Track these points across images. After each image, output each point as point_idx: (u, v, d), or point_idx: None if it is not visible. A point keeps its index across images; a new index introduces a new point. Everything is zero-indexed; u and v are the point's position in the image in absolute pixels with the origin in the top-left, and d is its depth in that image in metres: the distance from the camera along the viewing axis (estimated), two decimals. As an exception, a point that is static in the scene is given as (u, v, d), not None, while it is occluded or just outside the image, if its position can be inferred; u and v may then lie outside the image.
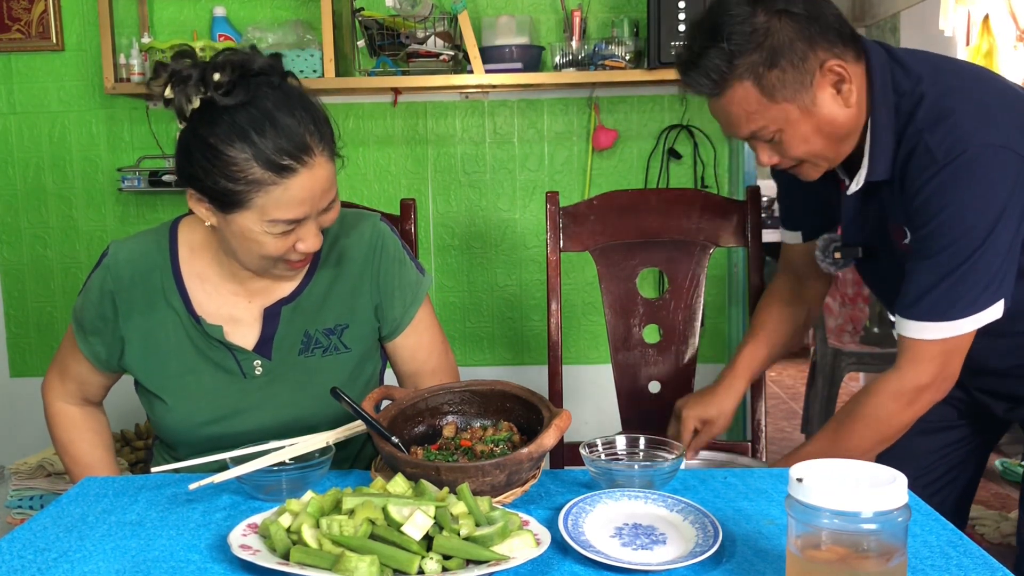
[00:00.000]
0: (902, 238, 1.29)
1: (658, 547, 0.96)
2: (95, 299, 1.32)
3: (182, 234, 1.34)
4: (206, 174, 1.17)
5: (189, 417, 1.31)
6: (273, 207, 1.17)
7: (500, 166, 2.91)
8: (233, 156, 1.15)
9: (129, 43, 2.73)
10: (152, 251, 1.33)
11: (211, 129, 1.16)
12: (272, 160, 1.15)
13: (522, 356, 2.98)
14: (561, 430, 1.06)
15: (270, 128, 1.15)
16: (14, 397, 2.99)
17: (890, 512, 0.75)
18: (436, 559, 0.87)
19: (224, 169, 1.15)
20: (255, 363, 1.32)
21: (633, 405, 1.72)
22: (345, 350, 1.35)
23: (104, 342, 1.33)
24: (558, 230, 1.70)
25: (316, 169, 1.18)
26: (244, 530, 0.97)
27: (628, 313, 1.71)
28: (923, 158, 1.20)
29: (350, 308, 1.36)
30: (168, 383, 1.32)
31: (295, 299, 1.33)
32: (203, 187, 1.18)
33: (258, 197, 1.16)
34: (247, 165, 1.15)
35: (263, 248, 1.21)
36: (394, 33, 2.62)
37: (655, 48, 2.47)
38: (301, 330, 1.33)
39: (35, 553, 0.98)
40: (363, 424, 1.15)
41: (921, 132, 1.21)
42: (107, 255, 1.33)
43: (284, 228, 1.19)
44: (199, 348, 1.31)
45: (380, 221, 1.40)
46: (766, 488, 1.15)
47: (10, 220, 2.94)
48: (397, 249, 1.39)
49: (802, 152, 1.27)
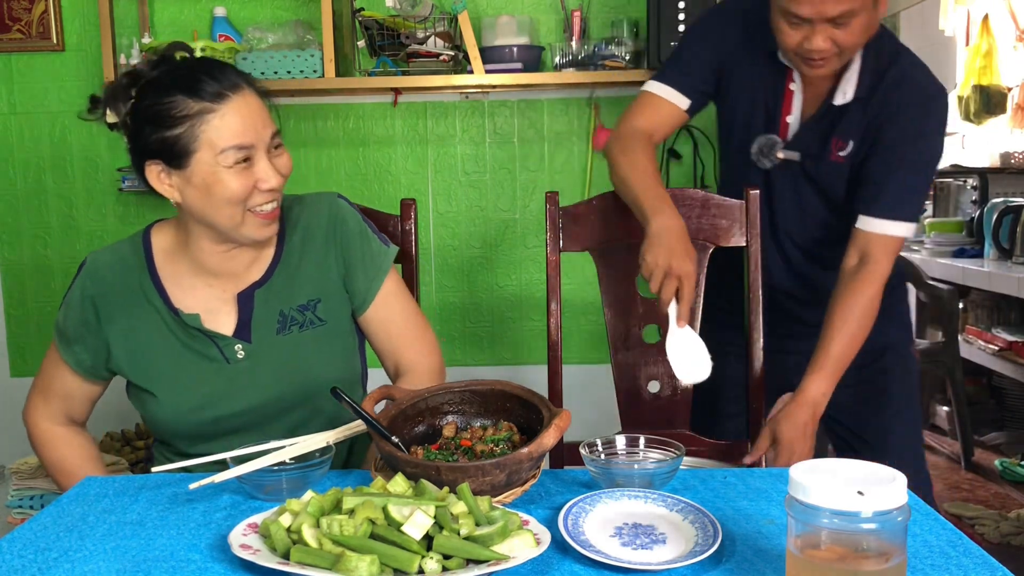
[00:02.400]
0: (839, 150, 1.57)
1: (658, 547, 0.96)
2: (77, 307, 1.37)
3: (155, 239, 1.40)
4: (153, 136, 1.25)
5: (178, 406, 1.34)
6: (217, 135, 1.24)
7: (500, 166, 2.91)
8: (169, 103, 1.24)
9: (129, 43, 2.73)
10: (128, 255, 1.38)
11: (145, 99, 1.26)
12: (203, 91, 1.24)
13: (522, 356, 2.98)
14: (561, 430, 1.06)
15: (195, 74, 1.26)
16: (14, 397, 2.97)
17: (889, 512, 0.75)
18: (436, 559, 0.87)
19: (165, 119, 1.24)
20: (236, 347, 1.35)
21: (633, 405, 1.72)
22: (321, 323, 1.39)
23: (88, 348, 1.37)
24: (558, 230, 1.70)
25: (249, 99, 1.27)
26: (244, 530, 0.97)
27: (628, 313, 1.71)
28: (912, 89, 1.51)
29: (320, 282, 1.40)
30: (155, 377, 1.35)
31: (266, 282, 1.38)
32: (156, 151, 1.26)
33: (202, 131, 1.24)
34: (183, 104, 1.24)
35: (226, 189, 1.26)
36: (394, 33, 2.63)
37: (655, 48, 2.47)
38: (276, 310, 1.37)
39: (35, 553, 0.99)
40: (363, 424, 1.15)
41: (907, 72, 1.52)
42: (85, 265, 1.39)
43: (236, 157, 1.25)
44: (181, 340, 1.35)
45: (338, 197, 1.45)
46: (766, 488, 1.15)
47: (10, 220, 2.94)
48: (358, 222, 1.44)
49: (854, 42, 1.44)
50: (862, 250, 1.52)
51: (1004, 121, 4.34)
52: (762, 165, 1.62)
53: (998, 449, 3.55)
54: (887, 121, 1.52)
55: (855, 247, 1.53)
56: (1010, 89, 4.33)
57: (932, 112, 1.53)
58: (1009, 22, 4.37)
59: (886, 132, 1.52)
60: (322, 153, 2.92)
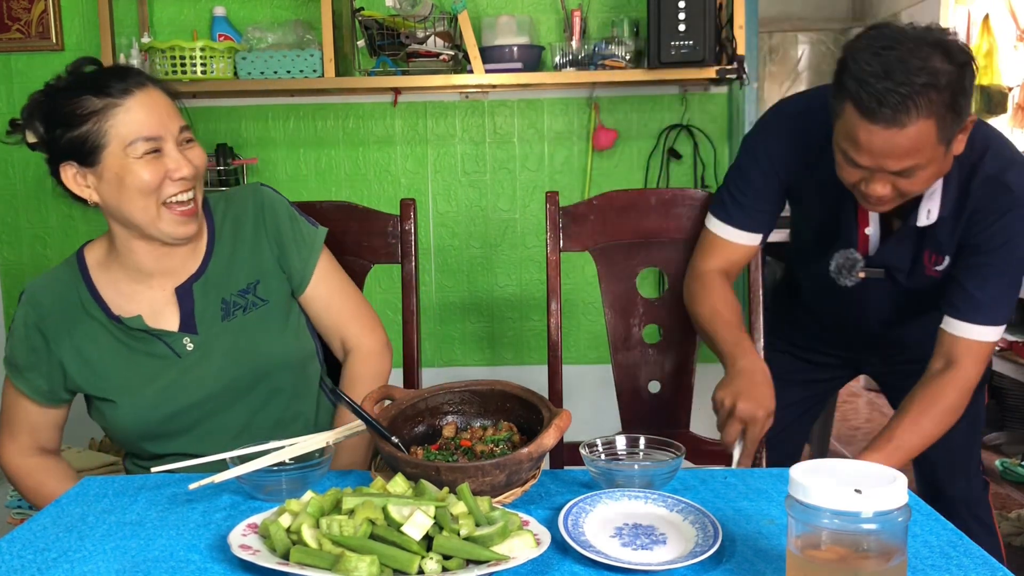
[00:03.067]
0: (935, 265, 1.47)
1: (658, 547, 0.96)
2: (22, 335, 1.39)
3: (88, 255, 1.43)
4: (64, 137, 1.29)
5: (136, 407, 1.36)
6: (125, 128, 1.28)
7: (500, 166, 2.91)
8: (76, 102, 1.28)
9: (129, 43, 2.72)
10: (64, 276, 1.41)
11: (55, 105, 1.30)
12: (109, 88, 1.28)
13: (522, 356, 2.98)
14: (561, 430, 1.06)
15: (101, 75, 1.31)
16: (14, 397, 2.99)
17: (890, 512, 0.75)
18: (436, 559, 0.87)
19: (74, 118, 1.28)
20: (184, 341, 1.37)
21: (633, 405, 1.72)
22: (263, 303, 1.42)
23: (42, 374, 1.39)
24: (558, 230, 1.70)
25: (153, 94, 1.31)
26: (244, 530, 0.97)
27: (628, 313, 1.71)
28: (1001, 194, 1.39)
29: (256, 265, 1.43)
30: (112, 385, 1.37)
31: (203, 274, 1.40)
32: (67, 152, 1.29)
33: (110, 127, 1.27)
34: (89, 102, 1.28)
35: (137, 179, 1.29)
36: (394, 33, 2.62)
37: (655, 48, 2.47)
38: (217, 299, 1.40)
39: (35, 553, 0.98)
40: (363, 424, 1.15)
41: (995, 174, 1.39)
42: (24, 295, 1.41)
43: (145, 148, 1.28)
44: (129, 346, 1.37)
45: (261, 186, 1.49)
46: (766, 488, 1.15)
47: (10, 220, 2.94)
48: (285, 206, 1.47)
49: (919, 190, 1.34)
50: (948, 354, 1.44)
51: (1005, 121, 4.34)
52: (841, 283, 1.53)
53: (998, 449, 3.55)
54: (975, 227, 1.42)
55: (941, 351, 1.45)
56: (1011, 89, 4.34)
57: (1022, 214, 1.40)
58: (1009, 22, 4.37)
59: (974, 238, 1.42)
60: (322, 153, 2.92)
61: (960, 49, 1.24)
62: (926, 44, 1.23)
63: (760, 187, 1.55)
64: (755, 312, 1.65)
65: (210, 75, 2.63)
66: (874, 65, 1.23)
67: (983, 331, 1.43)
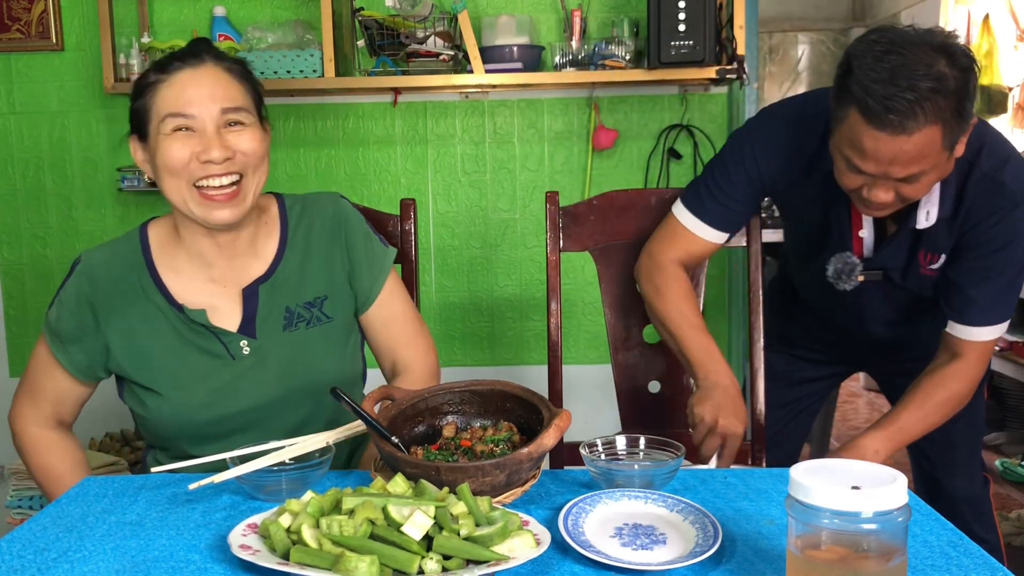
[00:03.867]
0: (930, 263, 1.46)
1: (658, 547, 0.96)
2: (72, 308, 1.34)
3: (151, 234, 1.38)
4: (130, 111, 1.31)
5: (184, 404, 1.32)
6: (162, 103, 1.27)
7: (500, 166, 2.91)
8: (142, 77, 1.30)
9: (129, 43, 2.72)
10: (125, 252, 1.36)
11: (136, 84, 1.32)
12: (168, 62, 1.29)
13: (522, 356, 2.98)
14: (561, 430, 1.06)
15: (174, 51, 1.31)
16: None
17: (890, 512, 0.74)
18: (436, 559, 0.87)
19: (135, 92, 1.30)
20: (241, 343, 1.34)
21: (633, 405, 1.72)
22: (328, 320, 1.39)
23: (85, 349, 1.35)
24: (558, 230, 1.70)
25: (206, 71, 1.29)
26: (244, 530, 0.97)
27: (628, 313, 1.71)
28: (998, 193, 1.38)
29: (326, 280, 1.40)
30: (158, 375, 1.33)
31: (270, 277, 1.37)
32: (131, 124, 1.32)
33: (153, 102, 1.27)
34: (148, 76, 1.29)
35: (163, 156, 1.27)
36: (394, 33, 2.62)
37: (655, 48, 2.47)
38: (282, 306, 1.37)
39: (35, 553, 0.98)
40: (363, 424, 1.15)
41: (991, 174, 1.38)
42: (79, 263, 1.36)
43: (174, 124, 1.26)
44: (185, 337, 1.33)
45: (341, 198, 1.46)
46: (766, 488, 1.15)
47: (10, 220, 2.94)
48: (361, 222, 1.45)
49: (921, 195, 1.34)
50: (952, 351, 1.46)
51: (1005, 121, 4.34)
52: (840, 287, 1.52)
53: (998, 449, 3.55)
54: (973, 229, 1.41)
55: (947, 348, 1.47)
56: (1011, 89, 4.34)
57: (1020, 214, 1.39)
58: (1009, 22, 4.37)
59: (972, 239, 1.42)
60: (322, 153, 2.92)
61: (963, 53, 1.23)
62: (930, 48, 1.21)
63: (741, 189, 1.52)
64: (755, 312, 1.65)
65: (210, 75, 2.62)
66: (879, 70, 1.21)
67: (986, 331, 1.44)
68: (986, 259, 1.41)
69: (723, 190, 1.53)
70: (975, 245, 1.42)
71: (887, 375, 1.84)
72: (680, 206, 1.56)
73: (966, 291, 1.43)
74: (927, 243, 1.45)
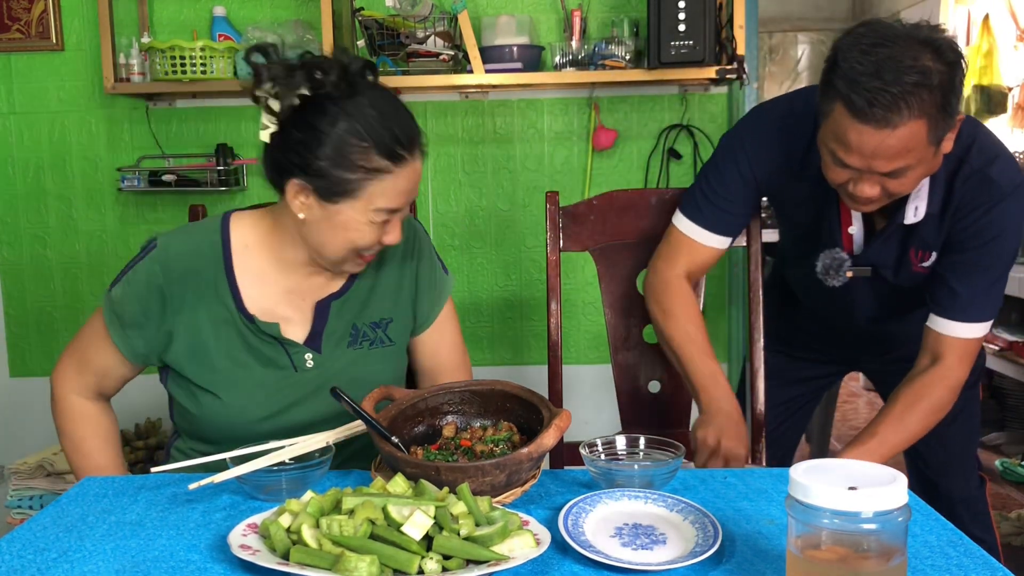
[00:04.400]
0: (922, 261, 1.45)
1: (658, 547, 0.96)
2: (141, 292, 1.30)
3: (234, 232, 1.34)
4: (324, 165, 1.21)
5: (245, 412, 1.31)
6: (380, 195, 1.24)
7: (500, 166, 2.91)
8: (359, 147, 1.21)
9: (129, 43, 2.73)
10: (204, 246, 1.33)
11: (329, 121, 1.21)
12: (391, 150, 1.22)
13: (522, 356, 2.98)
14: (561, 430, 1.06)
15: (386, 121, 1.23)
16: (14, 397, 2.99)
17: (890, 512, 0.75)
18: (436, 559, 0.87)
19: (345, 158, 1.21)
20: (306, 356, 1.34)
21: (633, 405, 1.72)
22: (390, 343, 1.40)
23: (145, 336, 1.32)
24: (558, 230, 1.70)
25: (418, 162, 1.27)
26: (244, 530, 0.97)
27: (628, 313, 1.71)
28: (987, 188, 1.37)
29: (393, 303, 1.41)
30: (218, 378, 1.31)
31: (344, 294, 1.37)
32: (315, 177, 1.22)
33: (371, 185, 1.23)
34: (368, 154, 1.21)
35: (358, 238, 1.26)
36: (394, 33, 2.62)
37: (655, 48, 2.46)
38: (349, 323, 1.37)
39: (35, 553, 0.98)
40: (363, 424, 1.15)
41: (980, 169, 1.37)
42: (155, 248, 1.32)
43: (384, 217, 1.26)
44: (249, 343, 1.32)
45: (416, 221, 1.46)
46: (766, 488, 1.15)
47: (10, 220, 2.94)
48: (430, 248, 1.46)
49: (907, 190, 1.32)
50: (935, 352, 1.44)
51: (1005, 121, 4.34)
52: (829, 283, 1.51)
53: (998, 449, 3.55)
54: (961, 223, 1.40)
55: (927, 348, 1.46)
56: (1011, 89, 4.34)
57: (1008, 212, 1.38)
58: (1009, 22, 4.37)
59: (960, 234, 1.41)
60: (322, 153, 2.92)
61: (950, 47, 1.22)
62: (916, 42, 1.20)
63: (737, 189, 1.52)
64: (755, 312, 1.65)
65: (210, 75, 2.63)
66: (864, 64, 1.21)
67: (969, 328, 1.43)
68: (973, 252, 1.40)
69: (718, 193, 1.52)
70: (962, 239, 1.40)
71: (879, 373, 1.85)
72: (679, 215, 1.56)
73: (951, 285, 1.42)
74: (917, 240, 1.44)
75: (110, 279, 1.35)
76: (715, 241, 1.55)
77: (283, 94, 1.21)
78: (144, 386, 1.56)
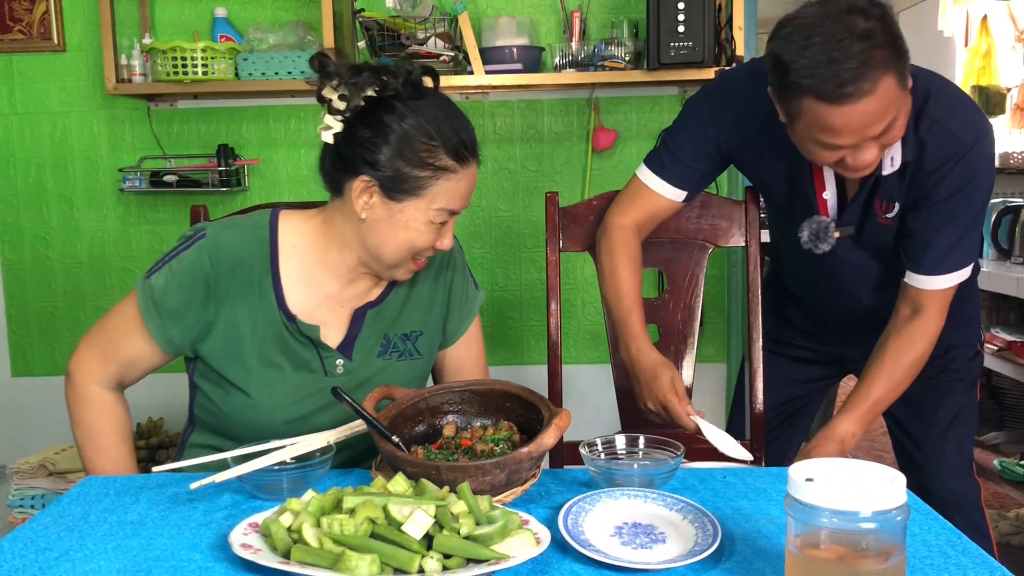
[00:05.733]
0: (885, 212, 1.48)
1: (658, 546, 0.97)
2: (185, 281, 1.28)
3: (283, 231, 1.34)
4: (394, 162, 1.23)
5: (273, 412, 1.31)
6: (443, 195, 1.26)
7: (500, 166, 2.91)
8: (429, 145, 1.23)
9: (130, 44, 2.73)
10: (252, 241, 1.31)
11: (397, 117, 1.23)
12: (457, 150, 1.25)
13: (522, 356, 2.98)
14: (561, 430, 1.07)
15: (452, 123, 1.26)
16: (15, 397, 2.99)
17: (889, 511, 0.75)
18: (436, 558, 0.87)
19: (416, 159, 1.23)
20: (337, 362, 1.34)
21: (633, 405, 1.72)
22: (418, 356, 1.40)
23: (183, 326, 1.30)
24: (557, 230, 1.70)
25: (474, 168, 1.29)
26: (245, 529, 0.97)
27: (628, 313, 1.71)
28: (949, 142, 1.39)
29: (425, 316, 1.41)
30: (250, 376, 1.30)
31: (380, 303, 1.37)
32: (382, 174, 1.24)
33: (436, 184, 1.25)
34: (436, 152, 1.24)
35: (417, 238, 1.27)
36: (394, 34, 2.63)
37: (655, 49, 2.47)
38: (381, 333, 1.37)
39: (36, 552, 0.99)
40: (364, 424, 1.16)
41: (941, 122, 1.39)
42: (203, 237, 1.30)
43: (444, 218, 1.28)
44: (285, 344, 1.31)
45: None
46: (765, 487, 1.15)
47: (11, 220, 2.94)
48: (464, 263, 1.47)
49: (899, 136, 1.34)
50: (913, 303, 1.47)
51: (1003, 121, 4.34)
52: (820, 250, 1.52)
53: (997, 449, 3.55)
54: (929, 178, 1.42)
55: (906, 300, 1.48)
56: (1009, 89, 4.34)
57: (972, 164, 1.40)
58: (1008, 23, 4.38)
59: (927, 188, 1.43)
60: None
61: (870, 2, 1.25)
62: (842, 14, 1.24)
63: (698, 144, 1.56)
64: (754, 312, 1.66)
65: (211, 76, 2.63)
66: (811, 56, 1.23)
67: (946, 279, 1.46)
68: (942, 204, 1.43)
69: (682, 147, 1.57)
70: (930, 193, 1.43)
71: None
72: (642, 167, 1.62)
73: (923, 239, 1.45)
74: (883, 193, 1.47)
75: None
76: (672, 193, 1.59)
77: (351, 94, 1.24)
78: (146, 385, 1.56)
